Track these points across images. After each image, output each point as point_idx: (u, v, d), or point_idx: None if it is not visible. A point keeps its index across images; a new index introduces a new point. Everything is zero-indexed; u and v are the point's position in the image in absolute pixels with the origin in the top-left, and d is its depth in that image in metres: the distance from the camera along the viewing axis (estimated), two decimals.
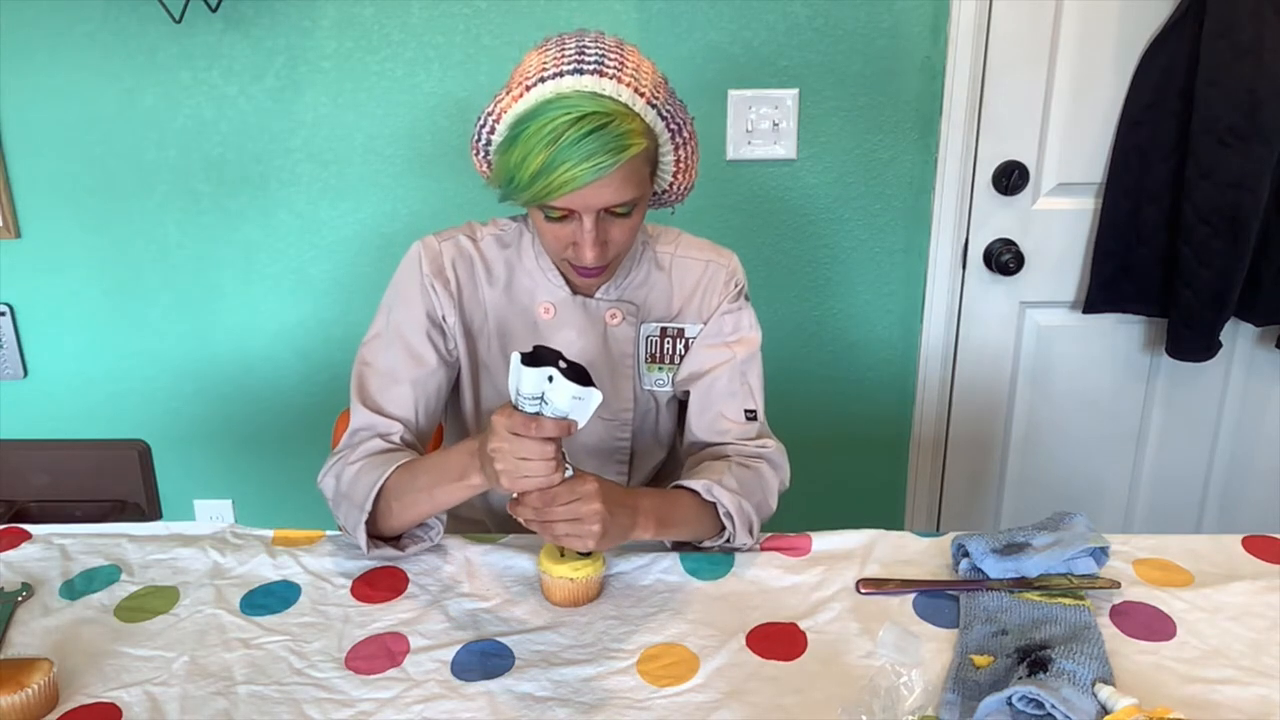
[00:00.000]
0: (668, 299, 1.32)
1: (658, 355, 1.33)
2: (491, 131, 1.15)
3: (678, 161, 1.19)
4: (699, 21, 1.87)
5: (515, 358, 0.99)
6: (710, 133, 1.92)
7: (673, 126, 1.15)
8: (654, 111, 1.12)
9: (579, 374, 0.99)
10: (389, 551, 1.20)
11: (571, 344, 1.28)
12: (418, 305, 1.27)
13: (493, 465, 1.03)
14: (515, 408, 1.01)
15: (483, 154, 1.19)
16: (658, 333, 1.32)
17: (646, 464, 1.40)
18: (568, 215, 1.13)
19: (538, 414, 1.00)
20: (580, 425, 1.01)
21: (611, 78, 1.08)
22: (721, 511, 1.20)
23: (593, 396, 0.99)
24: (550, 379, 0.98)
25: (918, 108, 1.92)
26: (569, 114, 1.06)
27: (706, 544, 1.23)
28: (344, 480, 1.21)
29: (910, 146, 1.95)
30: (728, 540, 1.22)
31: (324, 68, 1.92)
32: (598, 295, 1.29)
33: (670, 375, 1.34)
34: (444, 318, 1.28)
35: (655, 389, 1.34)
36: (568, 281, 1.28)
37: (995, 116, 1.91)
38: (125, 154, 1.98)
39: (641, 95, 1.10)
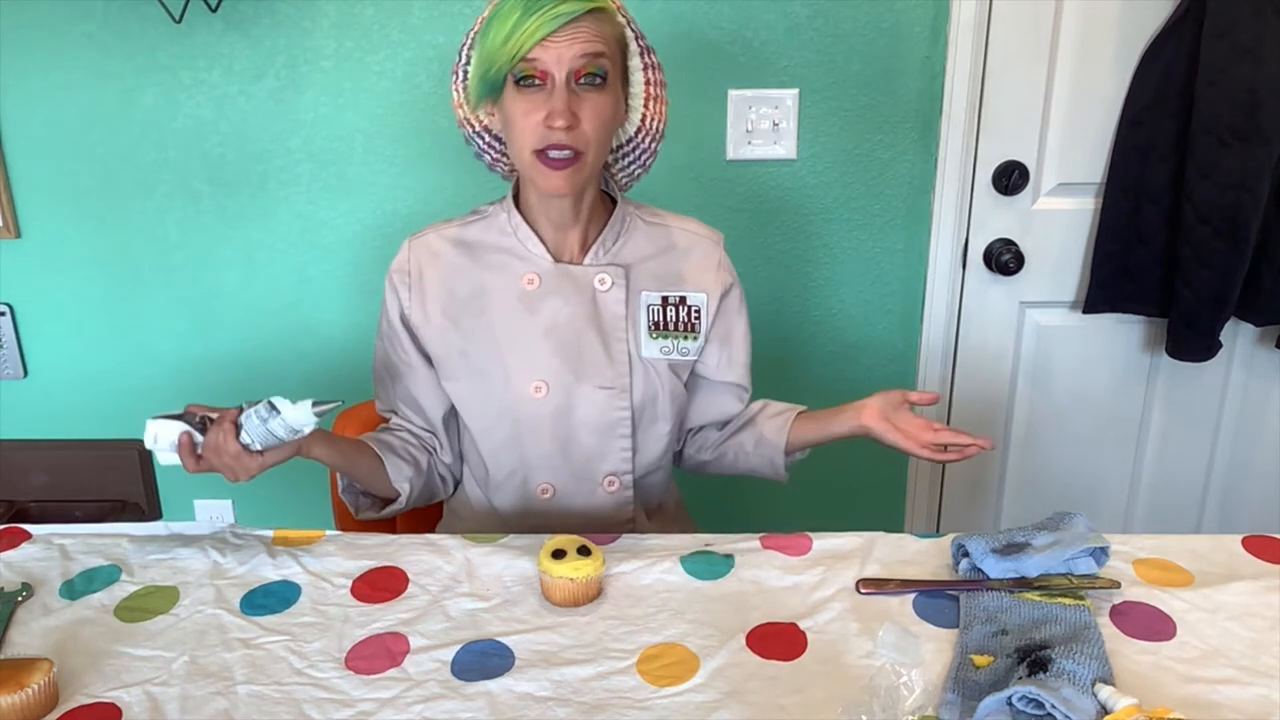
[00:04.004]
0: (659, 263, 1.33)
1: (661, 323, 1.33)
2: (471, 48, 1.21)
3: (648, 85, 1.23)
4: (699, 21, 1.87)
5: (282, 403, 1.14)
6: (710, 133, 1.92)
7: (641, 43, 1.22)
8: (621, 17, 1.19)
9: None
10: (369, 514, 1.36)
11: (559, 312, 1.28)
12: (394, 307, 1.34)
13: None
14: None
15: (461, 77, 1.23)
16: (659, 301, 1.32)
17: (651, 436, 1.37)
18: (539, 85, 1.16)
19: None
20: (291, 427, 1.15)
21: None
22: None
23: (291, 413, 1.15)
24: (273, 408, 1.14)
25: (918, 108, 1.92)
26: None
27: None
28: None
29: (910, 146, 1.95)
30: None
31: (324, 68, 1.92)
32: (586, 261, 1.30)
33: (676, 342, 1.34)
34: (409, 317, 1.33)
35: (661, 357, 1.33)
36: (550, 252, 1.30)
37: (995, 116, 1.91)
38: (125, 154, 1.98)
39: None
